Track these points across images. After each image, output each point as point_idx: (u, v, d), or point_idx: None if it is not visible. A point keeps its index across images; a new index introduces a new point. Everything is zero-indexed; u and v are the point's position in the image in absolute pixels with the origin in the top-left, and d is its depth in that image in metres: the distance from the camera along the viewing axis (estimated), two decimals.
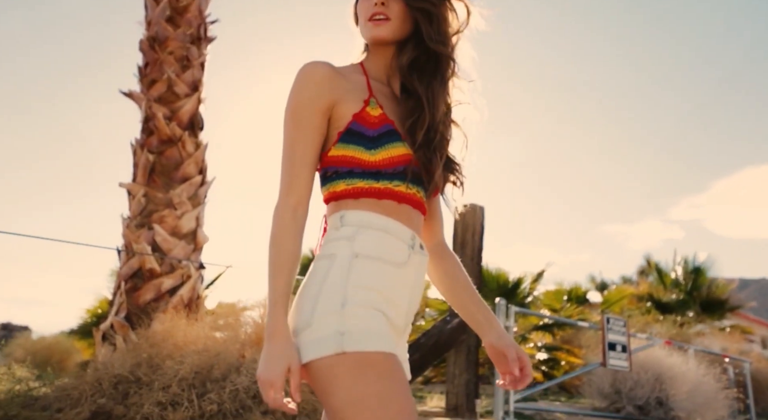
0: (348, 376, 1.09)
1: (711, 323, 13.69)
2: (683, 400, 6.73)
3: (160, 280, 4.62)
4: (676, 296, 14.32)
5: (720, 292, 14.28)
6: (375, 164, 1.26)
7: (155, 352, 3.48)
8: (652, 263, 15.58)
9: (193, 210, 4.99)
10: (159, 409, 3.04)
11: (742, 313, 17.11)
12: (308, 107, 1.26)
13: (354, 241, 1.23)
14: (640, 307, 13.83)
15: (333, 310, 1.15)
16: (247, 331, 4.18)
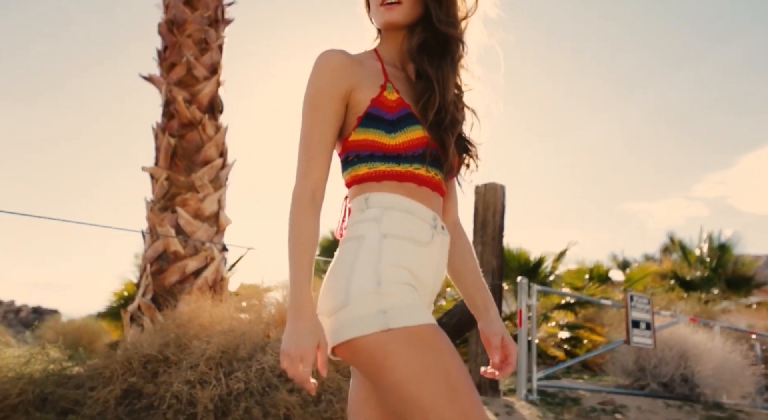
0: (403, 351, 1.12)
1: (737, 300, 13.51)
2: (709, 377, 6.68)
3: (185, 263, 4.69)
4: (700, 273, 14.14)
5: (746, 269, 14.05)
6: (395, 148, 1.28)
7: (182, 333, 3.54)
8: (675, 241, 15.39)
9: (214, 193, 5.03)
10: (188, 388, 3.10)
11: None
12: (326, 94, 1.28)
13: (381, 222, 1.26)
14: (663, 285, 13.69)
15: (370, 289, 1.17)
16: (270, 311, 4.23)
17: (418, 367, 1.11)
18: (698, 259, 14.57)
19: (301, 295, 1.17)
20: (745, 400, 7.08)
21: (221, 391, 3.18)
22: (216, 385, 3.19)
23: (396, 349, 1.12)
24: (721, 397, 6.87)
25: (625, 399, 6.21)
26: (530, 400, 5.53)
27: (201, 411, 3.04)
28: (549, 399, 5.76)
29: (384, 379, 1.12)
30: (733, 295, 13.68)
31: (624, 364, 7.32)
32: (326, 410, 3.43)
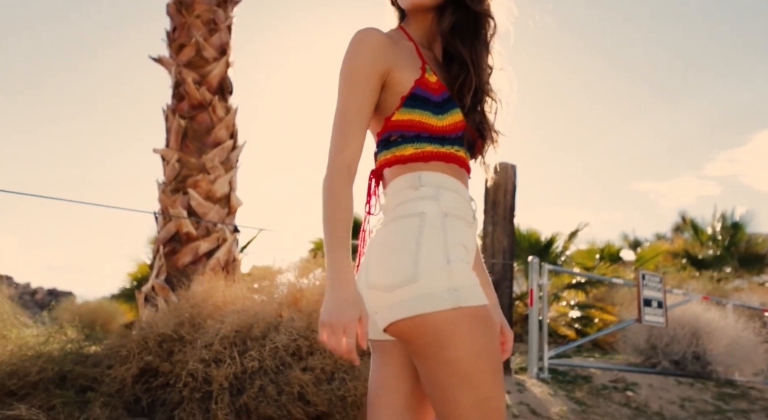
0: (468, 330, 1.17)
1: (749, 278, 13.44)
2: (721, 355, 6.68)
3: (197, 244, 4.72)
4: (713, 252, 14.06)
5: (759, 247, 13.96)
6: (442, 129, 1.30)
7: (196, 312, 3.58)
8: (687, 219, 15.28)
9: (225, 174, 5.05)
10: (203, 366, 3.14)
11: None
12: (364, 71, 1.28)
13: (439, 201, 1.28)
14: (675, 264, 13.64)
15: (440, 266, 1.19)
16: (282, 292, 4.26)
17: (478, 346, 1.16)
18: (710, 237, 14.48)
19: (341, 265, 1.18)
20: (757, 378, 7.08)
21: (236, 370, 3.22)
22: (230, 364, 3.23)
23: (463, 328, 1.16)
24: (733, 375, 6.88)
25: (636, 377, 6.23)
26: (541, 379, 5.56)
27: (216, 389, 3.08)
28: (560, 377, 5.79)
29: (442, 356, 1.16)
30: (746, 273, 13.60)
31: (635, 343, 7.33)
32: (339, 388, 3.46)
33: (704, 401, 5.87)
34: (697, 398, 5.90)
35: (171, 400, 3.01)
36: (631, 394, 5.62)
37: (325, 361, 3.56)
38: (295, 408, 3.27)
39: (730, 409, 5.81)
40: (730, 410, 5.77)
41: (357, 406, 3.46)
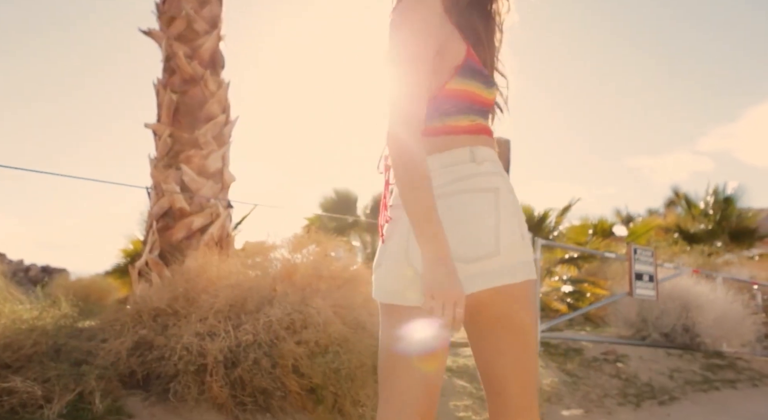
0: (533, 302, 1.31)
1: (739, 253, 13.57)
2: (710, 327, 6.78)
3: (191, 219, 4.71)
4: (704, 226, 14.16)
5: (749, 222, 14.06)
6: (488, 103, 1.34)
7: (190, 287, 3.59)
8: (680, 194, 15.35)
9: (218, 150, 5.01)
10: (198, 340, 3.16)
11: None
12: (426, 38, 1.24)
13: (502, 177, 1.32)
14: (667, 239, 13.74)
15: (516, 241, 1.27)
16: (276, 266, 4.27)
17: (536, 316, 1.35)
18: (702, 212, 14.57)
19: (441, 236, 1.14)
20: (744, 349, 7.21)
21: (230, 343, 3.24)
22: (225, 337, 3.25)
23: (532, 299, 1.29)
24: (721, 346, 6.99)
25: (626, 349, 6.33)
26: None
27: (211, 362, 3.11)
28: (552, 350, 5.87)
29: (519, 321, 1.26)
30: (736, 247, 13.73)
31: (626, 316, 7.43)
32: (333, 361, 3.50)
33: (692, 372, 5.98)
34: (685, 369, 6.01)
35: (166, 373, 3.03)
36: (621, 365, 5.72)
37: (319, 334, 3.59)
38: (290, 380, 3.31)
39: (717, 379, 5.92)
40: (718, 380, 5.88)
41: (351, 378, 3.50)
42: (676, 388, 5.38)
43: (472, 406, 3.98)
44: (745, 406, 5.22)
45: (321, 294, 3.93)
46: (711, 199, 14.51)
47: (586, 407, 4.52)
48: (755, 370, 6.56)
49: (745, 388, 5.87)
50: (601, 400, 4.76)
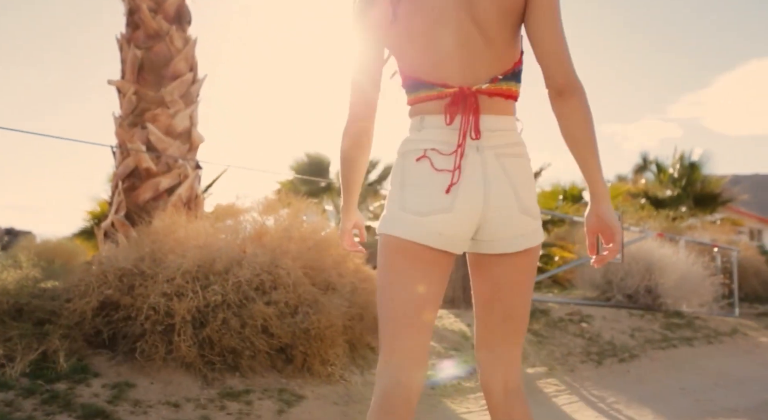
0: None
1: (703, 217, 13.95)
2: (671, 288, 7.00)
3: (158, 180, 4.62)
4: (671, 192, 14.48)
5: (713, 187, 14.43)
6: None
7: (157, 248, 3.54)
8: (649, 161, 15.61)
9: (186, 109, 4.89)
10: (165, 300, 3.15)
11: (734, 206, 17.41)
12: None
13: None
14: (634, 204, 14.02)
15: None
16: (247, 228, 4.24)
17: None
18: (669, 178, 14.87)
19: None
20: (702, 308, 7.49)
21: (198, 303, 3.23)
22: (193, 298, 3.24)
23: None
24: (681, 306, 7.25)
25: (591, 310, 6.51)
26: None
27: (179, 322, 3.10)
28: None
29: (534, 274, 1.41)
30: (700, 212, 14.10)
31: (592, 278, 7.62)
32: (303, 321, 3.52)
33: (652, 331, 6.20)
34: (646, 328, 6.22)
35: (133, 333, 3.02)
36: (585, 325, 5.89)
37: (289, 295, 3.60)
38: (259, 340, 3.33)
39: (675, 337, 6.15)
40: (676, 338, 6.11)
41: (320, 338, 3.54)
42: (637, 347, 5.57)
43: (440, 365, 4.07)
44: (699, 362, 5.45)
45: (291, 255, 3.92)
46: (678, 166, 14.81)
47: (550, 365, 4.67)
48: (711, 329, 6.83)
49: (700, 345, 6.12)
50: (565, 358, 4.91)
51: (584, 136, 1.33)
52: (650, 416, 3.55)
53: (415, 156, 1.33)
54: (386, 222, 1.36)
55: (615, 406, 3.77)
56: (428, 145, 1.32)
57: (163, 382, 2.90)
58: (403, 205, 1.33)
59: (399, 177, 1.36)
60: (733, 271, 8.64)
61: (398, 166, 1.37)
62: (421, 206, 1.31)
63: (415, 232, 1.30)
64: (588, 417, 3.50)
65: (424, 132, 1.33)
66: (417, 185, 1.32)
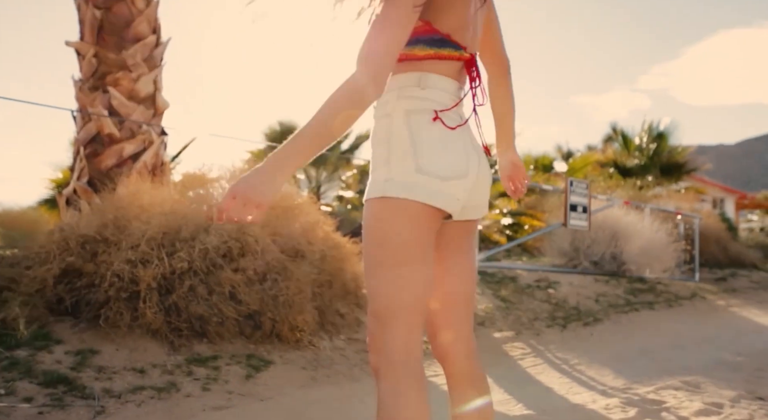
0: None
1: (668, 186, 14.27)
2: (636, 255, 7.18)
3: (121, 146, 4.50)
4: (638, 161, 14.74)
5: (679, 157, 14.73)
6: None
7: (121, 215, 3.47)
8: (617, 131, 15.82)
9: (149, 73, 4.74)
10: (129, 267, 3.10)
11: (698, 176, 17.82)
12: None
13: None
14: (603, 173, 14.25)
15: None
16: (214, 194, 4.18)
17: None
18: (637, 147, 15.12)
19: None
20: (664, 274, 7.71)
21: (164, 270, 3.19)
22: (158, 265, 3.20)
23: None
24: (645, 272, 7.45)
25: (558, 276, 6.65)
26: None
27: (144, 289, 3.06)
28: (489, 278, 6.09)
29: None
30: (666, 181, 14.42)
31: (560, 246, 7.76)
32: (271, 288, 3.52)
33: (616, 296, 6.37)
34: (610, 293, 6.39)
35: (96, 300, 2.98)
36: (552, 291, 6.02)
37: (257, 262, 3.58)
38: (227, 307, 3.32)
39: (637, 301, 6.34)
40: (638, 302, 6.30)
41: (289, 304, 3.54)
42: (600, 311, 5.73)
43: None
44: (659, 325, 5.64)
45: (259, 223, 3.89)
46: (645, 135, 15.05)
47: (517, 329, 4.77)
48: (672, 293, 7.05)
49: (661, 309, 6.32)
50: (531, 323, 5.02)
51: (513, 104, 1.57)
52: (610, 376, 3.67)
53: (426, 115, 1.26)
54: (402, 186, 1.22)
55: (577, 367, 3.88)
56: (435, 105, 1.28)
57: (129, 349, 2.87)
58: (419, 168, 1.22)
59: (406, 137, 1.25)
60: (695, 238, 8.90)
61: (401, 124, 1.26)
62: (442, 170, 1.23)
63: (440, 197, 1.23)
64: (552, 378, 3.60)
65: (428, 91, 1.28)
66: (434, 147, 1.24)
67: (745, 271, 10.14)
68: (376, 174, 1.29)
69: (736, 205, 22.81)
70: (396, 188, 1.22)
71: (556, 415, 2.75)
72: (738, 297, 7.93)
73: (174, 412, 2.42)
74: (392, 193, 1.22)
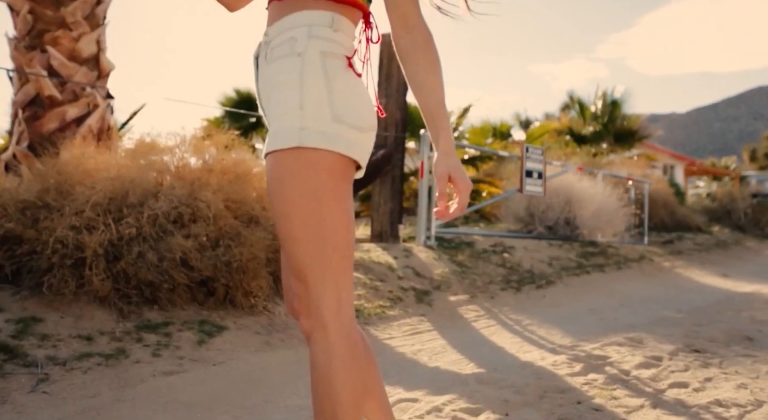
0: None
1: (621, 153, 14.65)
2: (588, 219, 7.37)
3: (64, 109, 4.30)
4: (593, 129, 15.03)
5: (632, 124, 15.10)
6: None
7: (64, 180, 3.33)
8: (574, 99, 16.05)
9: (91, 32, 4.51)
10: (74, 233, 2.99)
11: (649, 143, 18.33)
12: None
13: None
14: (560, 141, 14.48)
15: None
16: (163, 159, 4.05)
17: None
18: (592, 115, 15.40)
19: None
20: (615, 238, 7.96)
21: (111, 237, 3.10)
22: (105, 231, 3.10)
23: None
24: (596, 237, 7.67)
25: (514, 241, 6.78)
26: (428, 246, 5.89)
27: (90, 255, 2.97)
28: (446, 244, 6.16)
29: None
30: (619, 148, 14.79)
31: (516, 212, 7.89)
32: (224, 254, 3.46)
33: (569, 259, 6.55)
34: (563, 257, 6.56)
35: (39, 267, 2.87)
36: (507, 256, 6.13)
37: (209, 228, 3.51)
38: (178, 273, 3.25)
39: (589, 264, 6.54)
40: (589, 265, 6.50)
41: (243, 270, 3.50)
42: (553, 274, 5.88)
43: (365, 295, 4.14)
44: (608, 286, 5.84)
45: (211, 188, 3.80)
46: (600, 103, 15.34)
47: (472, 293, 4.85)
48: (621, 256, 7.29)
49: (611, 271, 6.54)
50: (486, 286, 5.12)
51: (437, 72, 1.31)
52: (559, 335, 3.78)
53: (339, 61, 1.18)
54: (320, 135, 1.12)
55: (529, 328, 3.99)
56: (346, 51, 1.20)
57: (75, 317, 2.80)
58: (336, 116, 1.14)
59: (321, 81, 1.15)
60: (645, 202, 9.19)
61: (316, 67, 1.15)
62: (357, 120, 1.16)
63: (357, 149, 1.16)
64: (504, 338, 3.69)
65: (340, 35, 1.20)
66: (349, 95, 1.17)
67: (690, 234, 10.56)
68: (283, 121, 1.15)
69: (685, 171, 23.62)
70: (313, 138, 1.12)
71: (506, 372, 2.83)
72: (682, 258, 8.27)
73: (122, 378, 2.38)
74: (309, 143, 1.12)
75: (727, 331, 3.90)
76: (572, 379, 2.73)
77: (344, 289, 1.17)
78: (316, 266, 1.15)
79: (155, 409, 2.16)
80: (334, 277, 1.15)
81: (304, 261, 1.15)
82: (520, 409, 2.28)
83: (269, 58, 1.21)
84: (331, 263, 1.15)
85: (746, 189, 14.52)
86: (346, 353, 1.14)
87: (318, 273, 1.15)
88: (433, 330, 3.77)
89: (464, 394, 2.42)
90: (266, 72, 1.22)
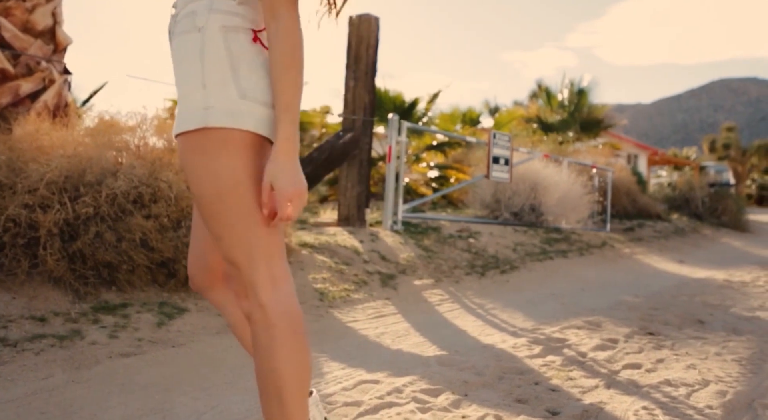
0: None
1: (587, 142, 14.89)
2: (553, 206, 7.48)
3: (17, 83, 4.14)
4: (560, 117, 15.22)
5: (598, 113, 15.35)
6: None
7: (16, 156, 3.21)
8: (542, 87, 16.21)
9: (46, 4, 4.34)
10: (27, 212, 2.89)
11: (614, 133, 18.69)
12: None
13: None
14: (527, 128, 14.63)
15: None
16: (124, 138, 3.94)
17: None
18: (559, 104, 15.59)
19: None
20: (578, 224, 8.11)
21: (67, 216, 3.01)
22: (60, 210, 3.00)
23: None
24: (561, 223, 7.80)
25: (480, 227, 6.84)
26: (395, 230, 5.89)
27: (44, 235, 2.88)
28: (412, 229, 6.18)
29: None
30: (585, 136, 15.03)
31: (483, 198, 7.96)
32: (186, 235, 3.40)
33: (533, 245, 6.64)
34: (527, 243, 6.65)
35: None
36: (472, 241, 6.18)
37: (170, 208, 3.43)
38: (138, 254, 3.18)
39: (552, 250, 6.65)
40: (553, 251, 6.61)
41: None
42: (517, 259, 5.96)
43: (330, 278, 4.12)
44: (570, 271, 5.95)
45: (173, 168, 3.71)
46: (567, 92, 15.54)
47: (437, 277, 4.88)
48: (584, 242, 7.44)
49: (574, 256, 6.66)
50: (451, 271, 5.16)
51: None
52: (521, 318, 3.84)
53: (244, 35, 1.13)
54: (226, 114, 1.08)
55: (492, 312, 4.04)
56: (251, 24, 1.14)
57: (27, 297, 2.71)
58: (243, 93, 1.10)
59: (224, 57, 1.10)
60: (608, 190, 9.38)
61: (217, 42, 1.10)
62: (266, 95, 1.12)
63: (266, 125, 1.11)
64: (467, 321, 3.73)
65: (244, 7, 1.14)
66: (255, 71, 1.12)
67: (650, 222, 10.83)
68: (188, 102, 1.12)
69: (648, 160, 24.17)
70: (219, 117, 1.08)
71: (467, 354, 2.86)
72: (642, 245, 8.48)
73: (77, 359, 2.32)
74: (215, 122, 1.07)
75: (681, 314, 4.02)
76: (531, 361, 2.77)
77: (277, 265, 1.14)
78: (243, 246, 1.11)
79: (111, 390, 2.11)
80: (264, 254, 1.12)
81: (231, 242, 1.11)
82: (478, 390, 2.31)
83: (175, 32, 1.17)
84: (259, 241, 1.11)
85: (705, 178, 14.95)
86: (286, 329, 1.12)
87: (246, 253, 1.11)
88: (397, 313, 3.79)
89: (425, 376, 2.44)
90: (172, 48, 1.18)
